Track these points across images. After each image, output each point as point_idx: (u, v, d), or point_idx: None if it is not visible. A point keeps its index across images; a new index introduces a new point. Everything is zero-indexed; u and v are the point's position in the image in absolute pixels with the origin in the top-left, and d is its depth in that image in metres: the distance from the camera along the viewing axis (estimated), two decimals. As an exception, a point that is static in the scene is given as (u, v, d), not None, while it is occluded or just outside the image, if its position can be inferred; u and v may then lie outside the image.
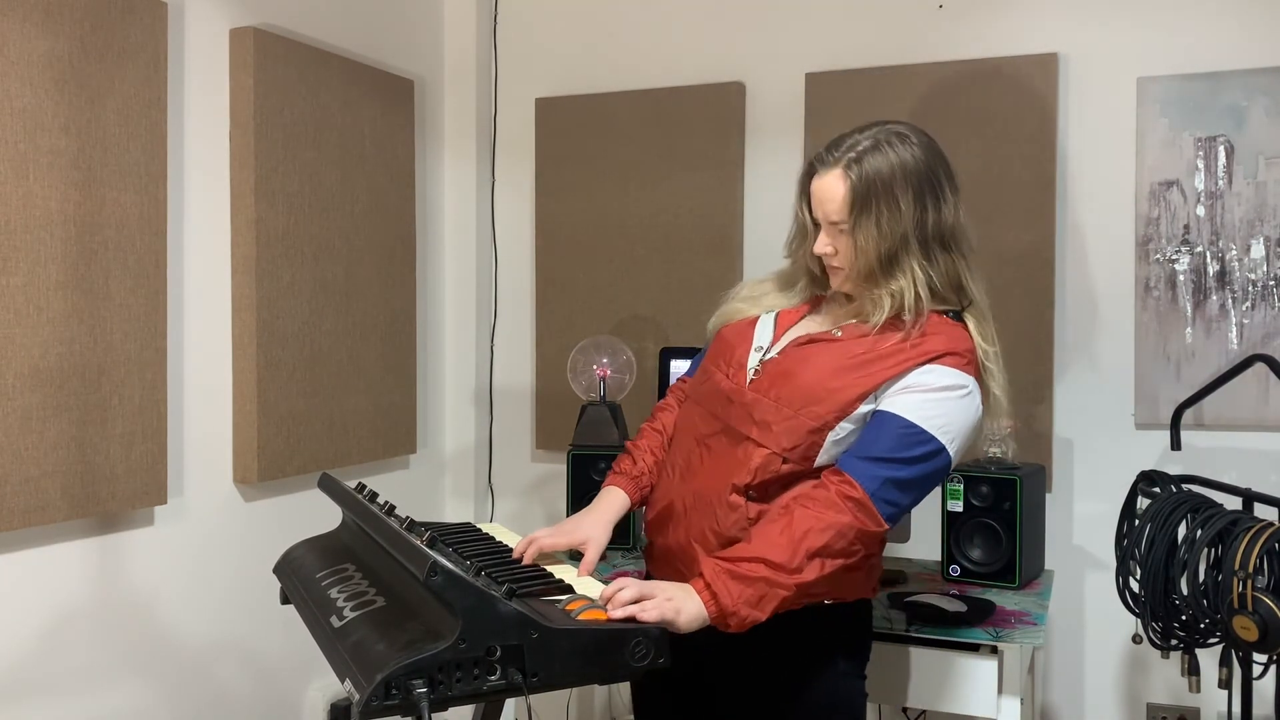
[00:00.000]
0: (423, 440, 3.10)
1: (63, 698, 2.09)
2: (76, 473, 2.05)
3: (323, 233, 2.64)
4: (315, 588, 1.56)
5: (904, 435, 1.58)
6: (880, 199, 1.63)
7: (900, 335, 1.65)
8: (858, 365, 1.64)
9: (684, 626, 1.46)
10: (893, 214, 1.63)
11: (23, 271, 1.95)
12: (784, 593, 1.51)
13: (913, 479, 1.59)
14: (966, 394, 1.62)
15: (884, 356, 1.64)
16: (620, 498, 1.82)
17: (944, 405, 1.60)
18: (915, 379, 1.62)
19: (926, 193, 1.65)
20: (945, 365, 1.62)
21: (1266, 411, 2.47)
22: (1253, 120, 2.46)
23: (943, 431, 1.59)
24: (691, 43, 3.00)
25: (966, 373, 1.63)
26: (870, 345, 1.65)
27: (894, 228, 1.63)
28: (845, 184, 1.64)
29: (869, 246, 1.64)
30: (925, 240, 1.65)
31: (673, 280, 2.99)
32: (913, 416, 1.59)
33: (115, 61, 2.12)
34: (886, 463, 1.57)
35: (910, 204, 1.63)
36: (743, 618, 1.50)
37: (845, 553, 1.56)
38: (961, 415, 1.62)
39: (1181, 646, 2.08)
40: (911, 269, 1.64)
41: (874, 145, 1.65)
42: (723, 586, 1.49)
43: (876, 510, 1.56)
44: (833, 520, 1.54)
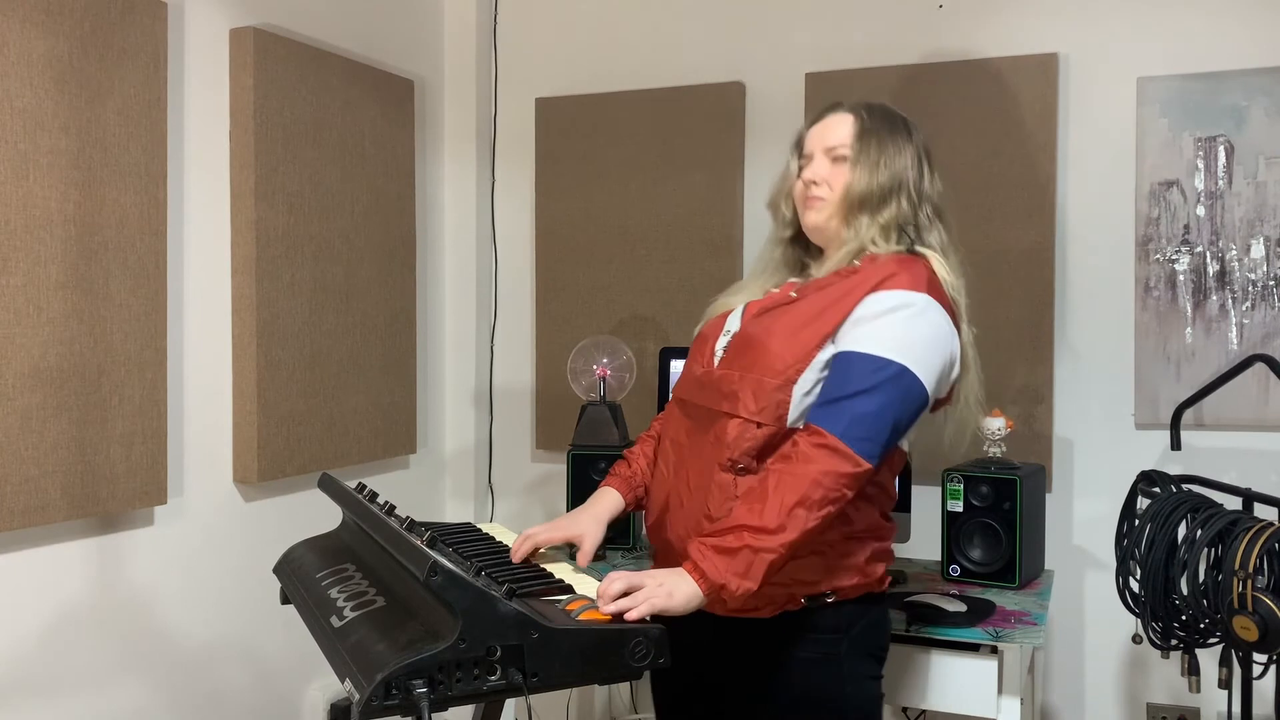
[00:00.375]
0: (423, 440, 3.10)
1: (63, 698, 2.09)
2: (76, 473, 2.05)
3: (323, 233, 2.64)
4: (315, 588, 1.56)
5: (859, 369, 1.56)
6: (887, 140, 1.71)
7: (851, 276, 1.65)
8: (813, 317, 1.64)
9: (679, 609, 1.46)
10: (897, 156, 1.71)
11: (23, 271, 1.95)
12: (770, 555, 1.49)
13: (880, 407, 1.54)
14: (917, 310, 1.60)
15: (836, 301, 1.64)
16: (613, 496, 1.84)
17: (894, 327, 1.58)
18: (861, 311, 1.61)
19: (923, 156, 1.75)
20: (888, 289, 1.61)
21: (1266, 411, 2.47)
22: (1253, 120, 2.46)
23: (899, 352, 1.56)
24: (691, 43, 3.00)
25: (913, 289, 1.61)
26: (824, 296, 1.66)
27: (894, 167, 1.70)
28: (855, 120, 1.73)
29: (863, 179, 1.69)
30: (920, 193, 1.72)
31: (673, 280, 2.99)
32: (865, 347, 1.57)
33: (115, 61, 2.12)
34: (848, 399, 1.55)
35: (913, 157, 1.72)
36: (734, 590, 1.48)
37: (827, 500, 1.52)
38: (917, 331, 1.59)
39: (1181, 646, 2.08)
40: (894, 212, 1.69)
41: (884, 108, 1.77)
42: (709, 563, 1.48)
43: (851, 450, 1.52)
44: (804, 470, 1.51)
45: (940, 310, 1.62)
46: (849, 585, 1.67)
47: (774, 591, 1.61)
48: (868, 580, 1.69)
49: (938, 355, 1.61)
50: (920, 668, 2.08)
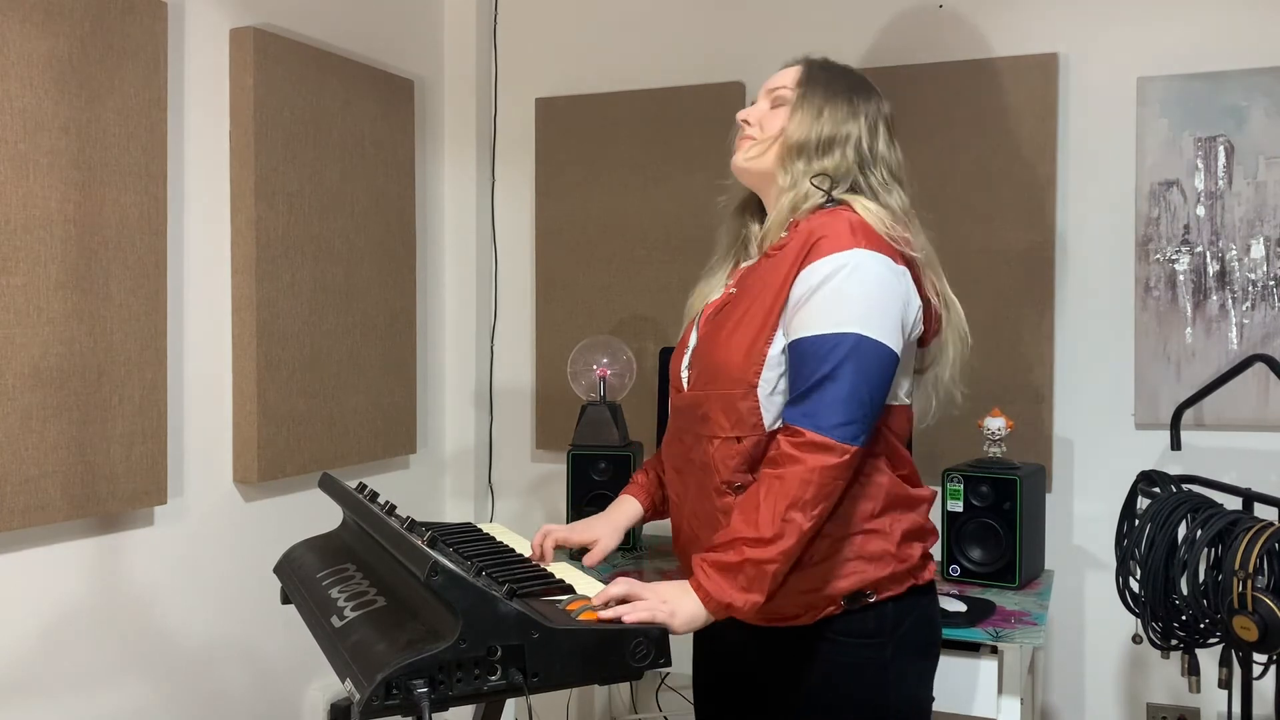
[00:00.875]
0: (423, 440, 3.10)
1: (63, 698, 2.09)
2: (76, 473, 2.05)
3: (323, 233, 2.64)
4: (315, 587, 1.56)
5: (814, 354, 1.49)
6: (838, 94, 1.64)
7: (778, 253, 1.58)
8: (748, 311, 1.58)
9: (681, 627, 1.44)
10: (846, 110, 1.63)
11: (23, 271, 1.95)
12: (772, 565, 1.45)
13: (851, 387, 1.47)
14: (851, 269, 1.50)
15: (765, 285, 1.57)
16: (633, 505, 1.83)
17: (833, 297, 1.49)
18: (797, 293, 1.53)
19: (882, 124, 1.66)
20: (815, 259, 1.52)
21: (1266, 411, 2.47)
22: (1253, 120, 2.47)
23: (847, 321, 1.48)
24: (691, 43, 3.00)
25: (841, 250, 1.51)
26: (755, 283, 1.59)
27: (839, 118, 1.62)
28: (802, 67, 1.68)
29: (811, 123, 1.62)
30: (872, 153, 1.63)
31: (673, 280, 2.99)
32: (813, 330, 1.50)
33: (115, 61, 2.12)
34: (813, 391, 1.48)
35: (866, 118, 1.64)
36: (740, 605, 1.46)
37: (820, 498, 1.46)
38: (857, 290, 1.49)
39: (1181, 646, 2.08)
40: (845, 156, 1.61)
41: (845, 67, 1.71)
42: (712, 582, 1.46)
43: (831, 439, 1.46)
44: (792, 472, 1.46)
45: (874, 257, 1.52)
46: (886, 577, 1.57)
47: (810, 598, 1.56)
48: (907, 566, 1.59)
49: (890, 307, 1.52)
50: (920, 668, 2.08)
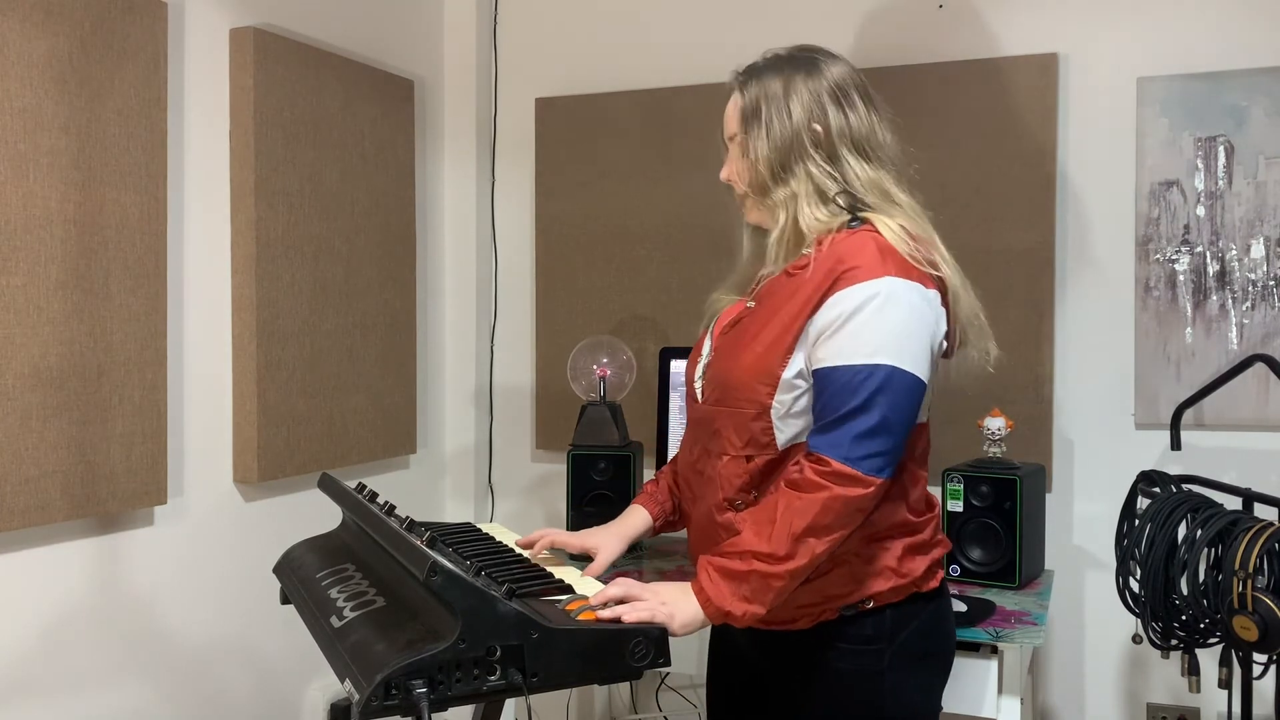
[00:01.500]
0: (423, 440, 3.10)
1: (63, 698, 2.09)
2: (76, 473, 2.05)
3: (323, 233, 2.64)
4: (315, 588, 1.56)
5: (845, 385, 1.46)
6: (771, 106, 1.57)
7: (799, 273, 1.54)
8: (766, 330, 1.55)
9: (679, 629, 1.44)
10: (782, 120, 1.56)
11: (23, 271, 1.95)
12: (778, 583, 1.44)
13: (881, 420, 1.45)
14: (883, 300, 1.47)
15: (785, 305, 1.54)
16: (642, 516, 1.80)
17: (865, 327, 1.46)
18: (824, 319, 1.49)
19: (827, 99, 1.57)
20: (844, 287, 1.48)
21: (1266, 411, 2.47)
22: (1253, 120, 2.46)
23: (878, 353, 1.45)
24: (691, 43, 3.00)
25: (873, 278, 1.47)
26: (774, 302, 1.56)
27: (784, 133, 1.56)
28: (739, 100, 1.62)
29: (760, 156, 1.57)
30: (824, 144, 1.56)
31: (673, 280, 2.99)
32: (842, 360, 1.47)
33: (115, 61, 2.12)
34: (843, 421, 1.46)
35: (805, 108, 1.56)
36: (738, 614, 1.46)
37: (838, 525, 1.45)
38: (889, 322, 1.47)
39: (1181, 646, 2.08)
40: (806, 172, 1.56)
41: (772, 61, 1.63)
42: (714, 587, 1.46)
43: (857, 471, 1.44)
44: (815, 498, 1.44)
45: (907, 285, 1.49)
46: (886, 589, 1.56)
47: (806, 605, 1.56)
48: (907, 579, 1.58)
49: (920, 337, 1.49)
50: (920, 668, 2.08)
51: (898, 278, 1.49)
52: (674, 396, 2.68)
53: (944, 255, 1.58)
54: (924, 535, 1.61)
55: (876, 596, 1.56)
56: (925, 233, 1.58)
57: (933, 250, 1.56)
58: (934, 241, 1.58)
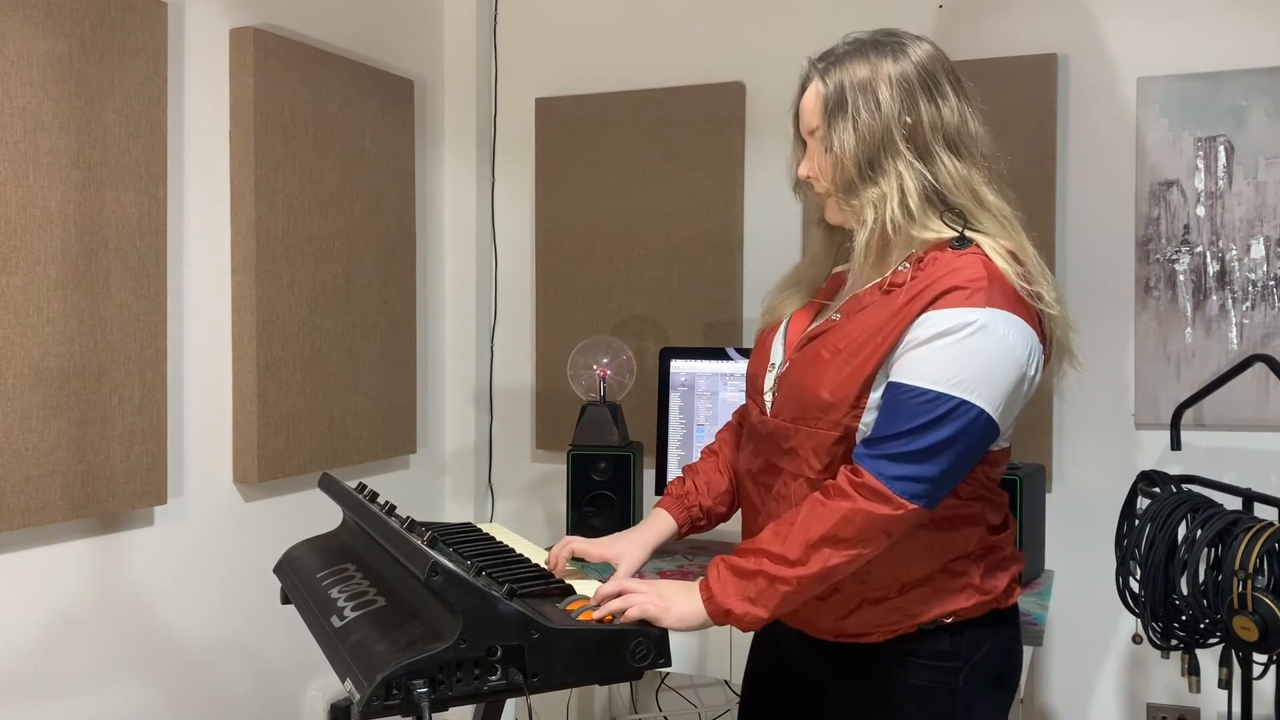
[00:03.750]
0: (423, 440, 3.10)
1: (63, 698, 2.09)
2: (76, 473, 2.05)
3: (323, 233, 2.64)
4: (315, 588, 1.56)
5: (912, 404, 1.37)
6: (858, 97, 1.45)
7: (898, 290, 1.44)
8: (857, 349, 1.45)
9: (674, 624, 1.40)
10: (871, 112, 1.44)
11: (23, 271, 1.95)
12: (785, 588, 1.38)
13: (933, 445, 1.36)
14: (975, 330, 1.36)
15: (881, 327, 1.43)
16: (665, 520, 1.70)
17: (948, 353, 1.36)
18: (911, 335, 1.40)
19: (918, 89, 1.45)
20: (941, 308, 1.38)
21: (1266, 411, 2.47)
22: (1253, 120, 2.46)
23: (952, 383, 1.35)
24: (691, 43, 3.00)
25: (972, 305, 1.37)
26: (867, 321, 1.46)
27: (873, 126, 1.44)
28: (821, 89, 1.49)
29: (846, 151, 1.45)
30: (916, 138, 1.44)
31: (673, 280, 2.99)
32: (916, 380, 1.37)
33: (115, 61, 2.12)
34: (898, 438, 1.37)
35: (894, 100, 1.44)
36: (739, 615, 1.41)
37: (860, 540, 1.37)
38: (976, 356, 1.36)
39: (1181, 646, 2.08)
40: (897, 171, 1.44)
41: (856, 48, 1.51)
42: (719, 584, 1.42)
43: (890, 491, 1.36)
44: (837, 506, 1.37)
45: (1006, 318, 1.38)
46: (969, 605, 1.49)
47: (883, 618, 1.49)
48: (990, 596, 1.50)
49: (1007, 375, 1.38)
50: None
51: (1001, 310, 1.38)
52: (674, 396, 2.68)
53: (1045, 273, 1.46)
54: (1005, 552, 1.54)
55: (958, 613, 1.49)
56: (1019, 244, 1.47)
57: (1037, 275, 1.44)
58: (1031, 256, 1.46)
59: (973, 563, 1.49)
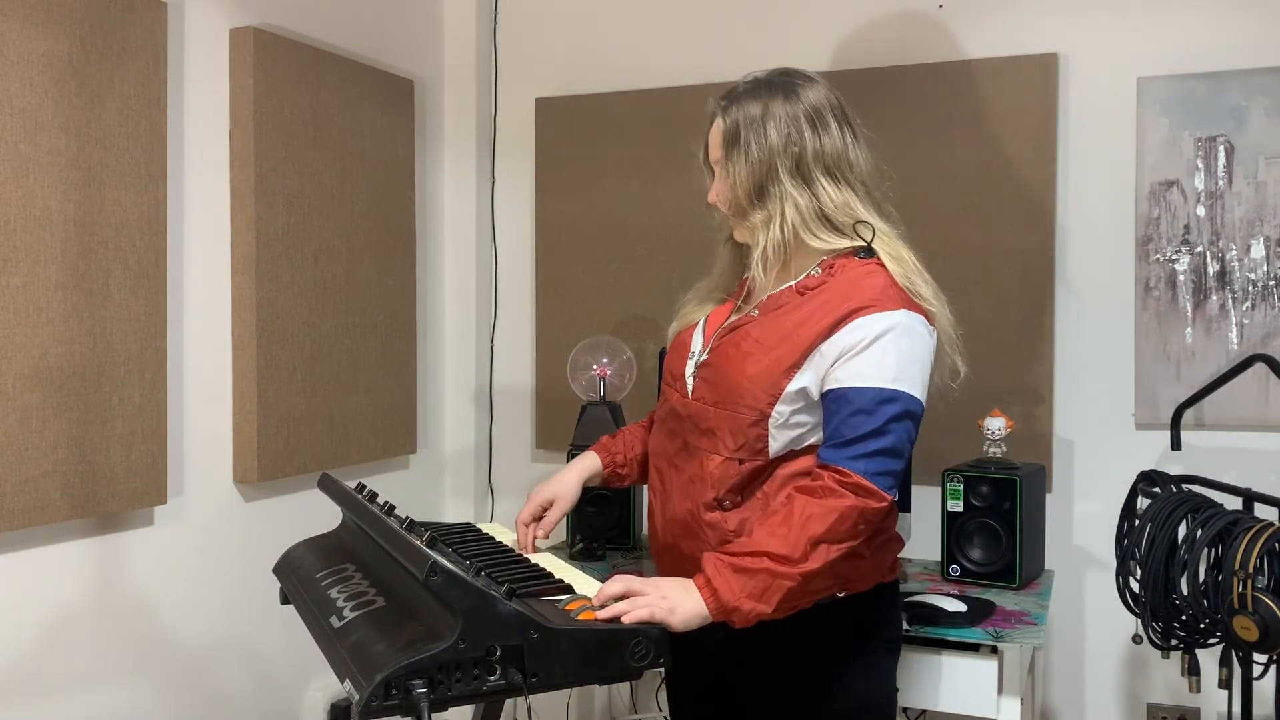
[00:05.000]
0: (423, 440, 3.10)
1: (63, 698, 2.09)
2: (76, 473, 2.05)
3: (323, 233, 2.64)
4: (315, 588, 1.56)
5: (868, 405, 1.54)
6: (750, 131, 1.65)
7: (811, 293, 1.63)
8: (777, 342, 1.62)
9: (679, 625, 1.44)
10: (760, 145, 1.64)
11: (23, 271, 1.95)
12: (789, 584, 1.47)
13: (895, 441, 1.54)
14: (902, 330, 1.57)
15: (801, 323, 1.61)
16: (591, 458, 1.92)
17: (885, 353, 1.55)
18: (846, 341, 1.57)
19: (804, 122, 1.64)
20: (867, 315, 1.57)
21: (1266, 411, 2.47)
22: (1253, 120, 2.46)
23: (898, 380, 1.55)
24: (691, 43, 3.00)
25: (892, 309, 1.58)
26: (786, 319, 1.63)
27: (761, 157, 1.64)
28: (721, 124, 1.70)
29: (739, 179, 1.66)
30: (797, 168, 1.63)
31: (673, 280, 2.99)
32: (864, 382, 1.55)
33: (115, 61, 2.12)
34: (866, 439, 1.53)
35: (780, 133, 1.63)
36: (745, 612, 1.47)
37: (851, 535, 1.51)
38: (907, 352, 1.56)
39: (1181, 646, 2.08)
40: (780, 194, 1.63)
41: (753, 88, 1.69)
42: (723, 582, 1.47)
43: (875, 487, 1.52)
44: (834, 505, 1.50)
45: (916, 319, 1.60)
46: (859, 580, 1.66)
47: None
48: (878, 569, 1.68)
49: (926, 368, 1.61)
50: (920, 668, 2.08)
51: (910, 311, 1.59)
52: (674, 396, 2.68)
53: (922, 274, 1.66)
54: (889, 533, 1.70)
55: (849, 586, 1.65)
56: (898, 254, 1.65)
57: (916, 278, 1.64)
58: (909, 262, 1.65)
59: (865, 542, 1.60)
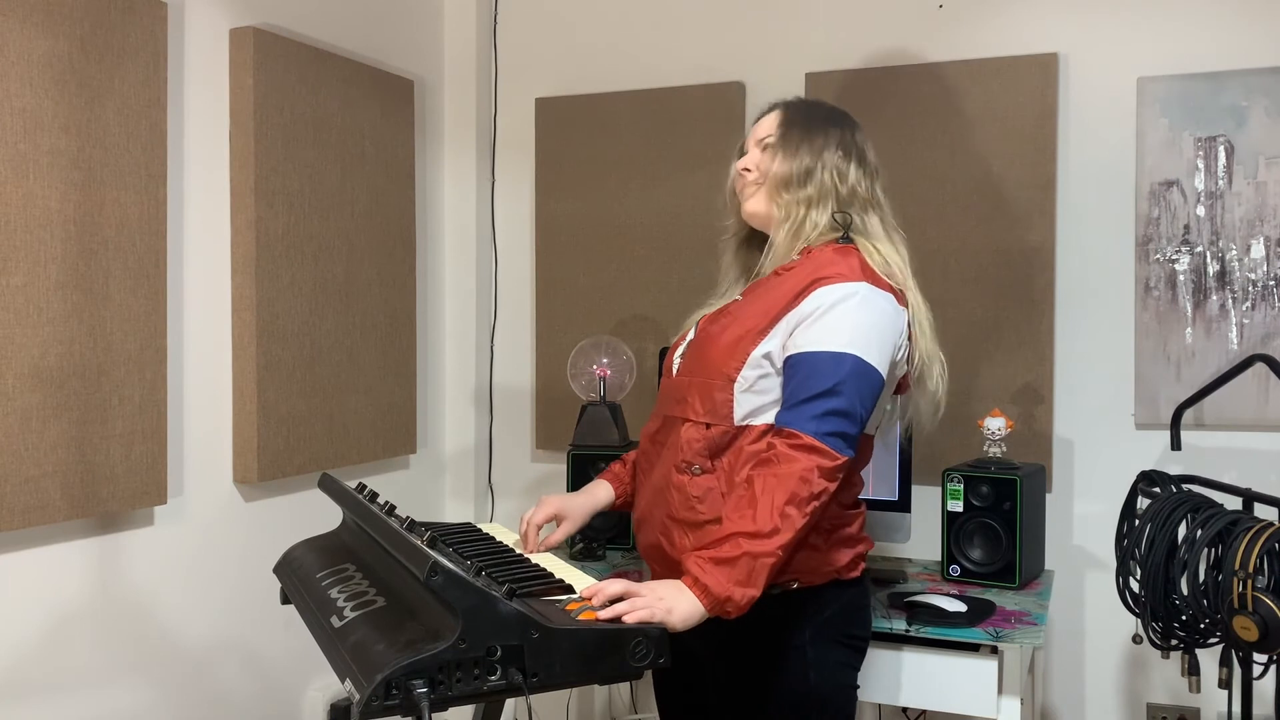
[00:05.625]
0: (423, 440, 3.10)
1: (63, 698, 2.09)
2: (76, 473, 2.05)
3: (323, 233, 2.64)
4: (315, 588, 1.56)
5: (818, 366, 1.59)
6: (814, 128, 1.77)
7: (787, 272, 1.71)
8: (751, 315, 1.70)
9: (679, 625, 1.45)
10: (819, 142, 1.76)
11: (23, 271, 1.95)
12: (770, 559, 1.50)
13: (848, 403, 1.58)
14: (860, 299, 1.64)
15: (770, 294, 1.70)
16: (605, 489, 1.95)
17: (841, 319, 1.62)
18: (804, 309, 1.64)
19: (854, 151, 1.78)
20: (829, 284, 1.65)
21: (1266, 411, 2.47)
22: (1253, 120, 2.46)
23: (850, 344, 1.60)
24: (691, 43, 3.00)
25: (853, 280, 1.65)
26: (762, 293, 1.72)
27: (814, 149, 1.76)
28: (781, 112, 1.82)
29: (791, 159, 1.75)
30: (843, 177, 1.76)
31: (673, 280, 2.99)
32: (817, 346, 1.61)
33: (115, 61, 2.12)
34: (813, 400, 1.58)
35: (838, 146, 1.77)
36: (738, 600, 1.49)
37: (814, 496, 1.54)
38: (862, 318, 1.62)
39: (1181, 646, 2.08)
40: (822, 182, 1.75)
41: (819, 104, 1.87)
42: (710, 577, 1.49)
43: (826, 446, 1.55)
44: (789, 470, 1.53)
45: (882, 294, 1.67)
46: (809, 572, 1.69)
47: None
48: (832, 568, 1.71)
49: (887, 338, 1.65)
50: (920, 668, 2.08)
51: (873, 285, 1.67)
52: (674, 396, 2.68)
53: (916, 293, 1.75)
54: (851, 530, 1.74)
55: (801, 578, 1.68)
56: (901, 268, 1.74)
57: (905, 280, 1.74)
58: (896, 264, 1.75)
59: (820, 535, 1.68)
